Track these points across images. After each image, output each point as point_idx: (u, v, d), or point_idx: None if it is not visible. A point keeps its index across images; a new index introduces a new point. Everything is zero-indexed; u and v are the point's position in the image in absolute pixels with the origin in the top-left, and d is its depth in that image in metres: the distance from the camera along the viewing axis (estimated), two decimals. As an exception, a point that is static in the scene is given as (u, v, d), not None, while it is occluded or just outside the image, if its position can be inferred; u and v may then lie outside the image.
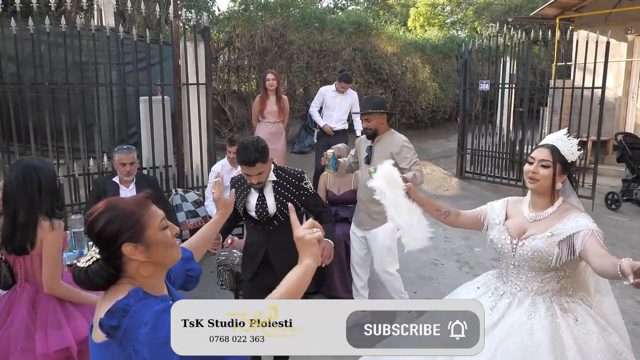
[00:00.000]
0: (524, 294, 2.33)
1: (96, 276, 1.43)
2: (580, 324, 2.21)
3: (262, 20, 11.38)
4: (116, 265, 1.45)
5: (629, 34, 10.00)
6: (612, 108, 10.25)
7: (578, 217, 2.23)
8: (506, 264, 2.42)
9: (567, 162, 2.29)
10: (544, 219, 2.31)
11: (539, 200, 2.35)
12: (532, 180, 2.30)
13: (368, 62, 12.83)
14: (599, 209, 7.31)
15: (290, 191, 3.06)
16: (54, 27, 5.29)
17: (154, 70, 6.16)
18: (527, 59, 8.47)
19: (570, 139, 2.32)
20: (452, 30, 21.55)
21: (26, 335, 2.44)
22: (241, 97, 11.50)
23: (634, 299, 4.65)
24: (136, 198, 1.52)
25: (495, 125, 9.07)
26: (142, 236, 1.46)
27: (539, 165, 2.28)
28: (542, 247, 2.23)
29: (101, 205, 1.49)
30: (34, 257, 2.50)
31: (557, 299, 2.29)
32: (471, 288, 2.56)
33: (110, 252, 1.44)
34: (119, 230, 1.43)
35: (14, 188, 2.45)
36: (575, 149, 2.30)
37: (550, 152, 2.27)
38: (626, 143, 7.35)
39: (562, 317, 2.22)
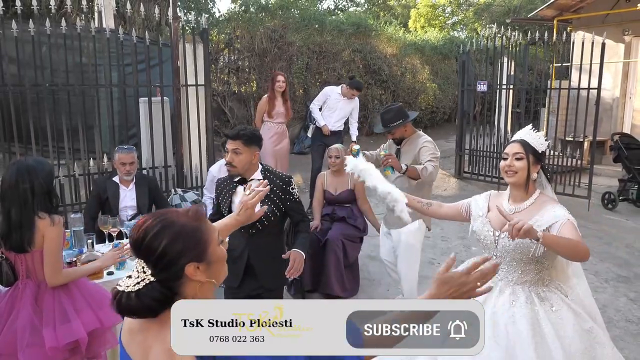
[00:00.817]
0: (504, 283, 2.47)
1: (150, 300, 1.25)
2: (555, 311, 2.35)
3: (262, 21, 11.44)
4: (172, 287, 1.28)
5: (627, 35, 10.05)
6: (609, 109, 10.30)
7: (555, 208, 2.37)
8: (488, 254, 2.52)
9: (538, 153, 2.44)
10: (522, 211, 2.44)
11: (518, 193, 2.49)
12: (510, 174, 2.44)
13: (368, 63, 12.89)
14: (595, 208, 7.36)
15: (276, 194, 2.99)
16: (55, 29, 5.36)
17: (154, 71, 6.23)
18: (525, 60, 8.53)
19: (537, 132, 2.50)
20: (452, 31, 21.59)
21: (31, 331, 2.49)
22: (241, 98, 11.57)
23: (627, 297, 4.70)
24: (191, 211, 1.36)
25: (493, 125, 9.12)
26: (204, 255, 1.31)
27: (513, 158, 2.43)
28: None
29: (151, 220, 1.30)
30: (34, 254, 2.55)
31: (534, 289, 2.42)
32: None
33: (171, 273, 1.28)
34: (183, 249, 1.28)
35: (7, 188, 2.52)
36: (542, 139, 2.47)
37: (521, 145, 2.43)
38: (622, 143, 7.40)
39: (539, 305, 2.36)
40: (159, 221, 1.30)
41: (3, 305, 2.58)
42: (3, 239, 2.53)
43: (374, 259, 5.65)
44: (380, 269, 5.43)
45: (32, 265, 2.58)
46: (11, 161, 2.81)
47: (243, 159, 2.90)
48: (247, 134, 2.89)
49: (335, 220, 4.87)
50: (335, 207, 4.93)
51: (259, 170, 3.03)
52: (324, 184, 4.97)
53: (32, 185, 2.50)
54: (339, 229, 4.75)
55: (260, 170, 3.04)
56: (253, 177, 3.00)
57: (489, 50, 8.65)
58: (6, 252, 2.58)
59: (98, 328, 2.63)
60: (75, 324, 2.54)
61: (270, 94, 6.54)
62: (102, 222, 3.74)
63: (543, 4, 10.91)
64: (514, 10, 18.36)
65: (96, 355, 2.68)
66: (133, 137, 6.71)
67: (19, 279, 2.62)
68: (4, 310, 2.56)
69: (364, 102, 13.07)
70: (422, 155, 3.82)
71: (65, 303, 2.60)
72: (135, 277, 1.28)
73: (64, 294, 2.62)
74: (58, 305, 2.58)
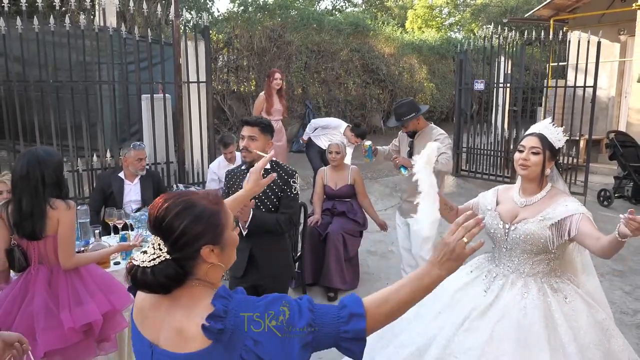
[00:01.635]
0: (516, 275, 2.44)
1: (163, 277, 1.29)
2: (569, 302, 2.33)
3: (261, 21, 11.52)
4: (185, 266, 1.31)
5: (622, 34, 10.16)
6: (605, 108, 10.41)
7: (567, 201, 2.35)
8: (499, 247, 2.53)
9: (555, 149, 2.41)
10: (534, 204, 2.42)
11: (529, 186, 2.46)
12: (524, 167, 2.40)
13: (365, 63, 12.98)
14: (591, 205, 7.44)
15: (277, 183, 3.03)
16: (58, 27, 5.42)
17: (155, 69, 6.30)
18: (521, 59, 8.62)
19: (556, 127, 2.45)
20: (449, 32, 21.71)
21: (46, 314, 2.55)
22: (240, 97, 11.64)
23: (622, 290, 4.79)
24: (211, 195, 1.40)
25: (490, 124, 9.21)
26: (220, 238, 1.35)
27: (530, 152, 2.39)
28: (534, 230, 2.35)
29: (173, 200, 1.34)
30: (47, 240, 2.61)
31: (547, 280, 2.40)
32: (464, 272, 2.65)
33: (187, 253, 1.31)
34: (202, 231, 1.31)
35: (18, 179, 2.58)
36: (561, 135, 2.43)
37: (539, 140, 2.39)
38: (618, 141, 7.49)
39: (552, 296, 2.34)
40: (181, 202, 1.32)
41: (17, 290, 2.63)
42: (15, 226, 2.59)
43: (374, 254, 5.74)
44: (380, 263, 5.51)
45: (44, 251, 2.63)
46: (21, 152, 2.87)
47: (259, 145, 2.97)
48: (265, 122, 3.03)
49: (336, 214, 4.94)
50: (335, 202, 5.00)
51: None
52: (324, 179, 5.04)
53: (43, 175, 2.56)
54: (339, 224, 4.82)
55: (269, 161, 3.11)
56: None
57: (486, 50, 8.75)
58: (18, 239, 2.63)
59: (110, 311, 2.70)
60: (89, 307, 2.61)
61: (267, 91, 6.59)
62: (108, 214, 3.83)
63: (539, 4, 11.02)
64: (510, 11, 18.49)
65: (107, 337, 2.75)
66: (135, 133, 6.77)
67: (31, 264, 2.66)
68: (18, 295, 2.61)
69: (362, 101, 13.18)
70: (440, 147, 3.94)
71: (79, 287, 2.67)
72: (151, 253, 1.30)
73: (77, 278, 2.69)
74: (72, 289, 2.65)
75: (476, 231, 1.42)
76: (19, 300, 2.59)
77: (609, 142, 7.63)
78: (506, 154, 8.71)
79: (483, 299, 2.43)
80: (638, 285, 4.89)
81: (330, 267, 4.71)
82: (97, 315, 2.61)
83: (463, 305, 2.46)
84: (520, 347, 2.23)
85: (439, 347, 2.36)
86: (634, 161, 7.38)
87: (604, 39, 7.31)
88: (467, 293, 2.51)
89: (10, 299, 2.60)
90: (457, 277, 2.64)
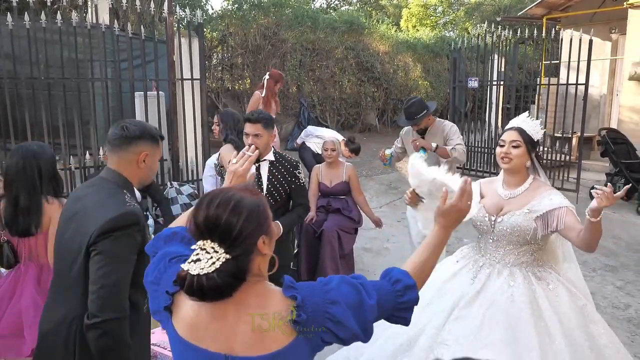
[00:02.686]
0: (502, 265, 2.53)
1: (229, 277, 1.24)
2: (552, 289, 2.43)
3: (255, 19, 11.51)
4: (244, 262, 1.28)
5: (613, 33, 10.23)
6: (597, 105, 10.48)
7: (552, 194, 2.44)
8: (485, 238, 2.61)
9: (534, 141, 2.50)
10: (518, 196, 2.51)
11: (512, 179, 2.54)
12: (506, 160, 2.48)
13: (360, 61, 13.00)
14: (584, 202, 7.49)
15: (283, 175, 3.20)
16: (50, 24, 5.40)
17: (149, 67, 6.28)
18: (515, 57, 8.67)
19: (533, 120, 2.55)
20: (443, 31, 21.76)
21: (35, 311, 2.52)
22: (235, 94, 11.65)
23: (614, 285, 4.83)
24: (250, 187, 1.39)
25: (484, 121, 9.26)
26: (269, 228, 1.35)
27: (510, 146, 2.47)
28: (520, 222, 2.43)
29: (220, 199, 1.29)
30: (38, 237, 2.59)
31: (531, 269, 2.50)
32: (450, 262, 2.75)
33: (246, 248, 1.28)
34: (258, 224, 1.30)
35: (14, 173, 2.56)
36: (538, 128, 2.52)
37: (519, 133, 2.48)
38: (609, 138, 7.54)
39: (537, 284, 2.44)
40: (229, 198, 1.29)
41: (6, 287, 2.62)
42: (8, 224, 2.58)
43: (369, 251, 5.76)
44: (375, 260, 5.53)
45: (35, 248, 2.62)
46: (13, 148, 2.86)
47: (264, 141, 3.08)
48: (266, 117, 3.10)
49: (331, 211, 4.95)
50: (330, 199, 5.01)
51: (271, 152, 3.24)
52: (319, 176, 5.05)
53: (40, 168, 2.56)
54: (334, 221, 4.82)
55: (272, 152, 3.25)
56: (266, 158, 3.20)
57: (480, 48, 8.79)
58: (9, 236, 2.62)
59: None
60: None
61: (268, 92, 6.58)
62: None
63: (532, 2, 11.08)
64: (504, 9, 18.56)
65: None
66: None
67: (21, 261, 2.65)
68: (6, 291, 2.61)
69: (357, 100, 13.20)
70: (453, 137, 4.20)
71: None
72: (208, 258, 1.24)
73: None
74: None
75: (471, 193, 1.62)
76: (7, 297, 2.58)
77: (601, 140, 7.69)
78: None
79: (470, 287, 2.51)
80: (629, 280, 4.94)
81: (326, 264, 4.71)
82: None
83: (451, 294, 2.54)
84: (510, 333, 2.31)
85: (429, 337, 2.43)
86: (625, 158, 7.44)
87: (595, 37, 7.38)
88: (454, 283, 2.59)
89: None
90: (444, 268, 2.73)
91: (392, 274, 1.47)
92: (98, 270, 1.75)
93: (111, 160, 2.01)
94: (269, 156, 3.22)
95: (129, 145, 1.97)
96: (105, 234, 1.77)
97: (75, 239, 1.84)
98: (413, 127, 4.31)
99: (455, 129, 4.31)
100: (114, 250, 1.78)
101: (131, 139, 1.96)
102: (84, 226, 1.82)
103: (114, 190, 1.92)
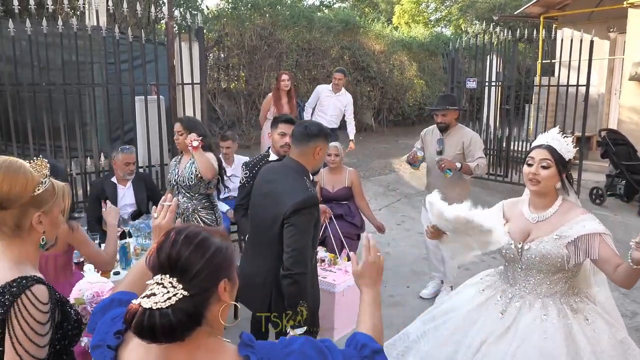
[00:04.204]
0: (533, 296, 2.34)
1: (185, 316, 1.14)
2: (590, 323, 2.24)
3: (251, 19, 11.43)
4: (202, 304, 1.19)
5: (612, 32, 10.24)
6: (595, 105, 10.48)
7: (585, 220, 2.24)
8: (512, 267, 2.42)
9: (565, 161, 2.29)
10: (547, 219, 2.32)
11: (540, 201, 2.35)
12: (534, 182, 2.29)
13: (356, 60, 12.96)
14: (583, 203, 7.38)
15: None
16: (51, 28, 5.33)
17: (149, 70, 6.21)
18: (513, 57, 8.64)
19: (565, 137, 2.32)
20: (436, 27, 21.75)
21: None
22: (231, 95, 11.56)
23: (619, 291, 4.80)
24: (219, 231, 1.32)
25: (482, 122, 9.23)
26: (232, 275, 1.26)
27: (539, 166, 2.27)
28: (550, 249, 2.25)
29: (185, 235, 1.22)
30: (49, 258, 2.57)
31: (566, 300, 2.31)
32: (476, 290, 2.55)
33: (206, 288, 1.19)
34: (222, 264, 1.23)
35: None
36: (570, 146, 2.31)
37: (549, 152, 2.27)
38: (610, 139, 7.54)
39: (572, 317, 2.25)
40: (195, 234, 1.23)
41: None
42: None
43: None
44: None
45: (45, 269, 2.57)
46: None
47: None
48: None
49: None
50: (332, 204, 4.97)
51: None
52: (322, 182, 5.01)
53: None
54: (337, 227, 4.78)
55: None
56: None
57: (477, 48, 8.75)
58: None
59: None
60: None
61: (275, 93, 6.59)
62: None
63: (528, 1, 11.06)
64: (499, 7, 18.55)
65: None
66: (129, 131, 6.70)
67: None
68: None
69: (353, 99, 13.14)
70: (475, 149, 4.30)
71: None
72: (164, 292, 1.14)
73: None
74: None
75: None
76: None
77: (601, 141, 7.68)
78: (498, 152, 8.75)
79: (500, 321, 2.33)
80: (636, 287, 4.89)
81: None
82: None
83: (478, 327, 2.36)
84: None
85: None
86: (626, 159, 7.44)
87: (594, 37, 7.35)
88: (481, 314, 2.40)
89: None
90: (469, 295, 2.55)
91: (357, 338, 1.45)
92: (291, 237, 2.46)
93: (294, 152, 2.64)
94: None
95: (309, 141, 2.58)
96: (295, 212, 2.44)
97: (272, 211, 2.55)
98: (438, 116, 4.38)
99: (477, 139, 4.39)
100: (301, 224, 2.47)
101: (311, 136, 2.58)
102: (278, 204, 2.51)
103: (297, 177, 2.57)
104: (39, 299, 1.43)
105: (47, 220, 1.56)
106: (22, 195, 1.49)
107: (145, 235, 3.71)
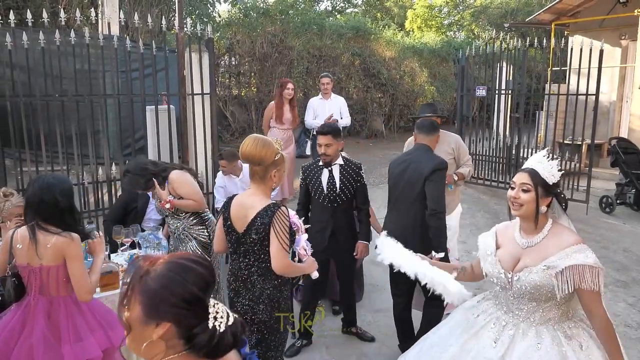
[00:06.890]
0: (526, 324, 2.31)
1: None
2: (585, 350, 2.20)
3: (262, 26, 11.54)
4: None
5: (623, 39, 10.18)
6: (606, 112, 10.42)
7: (577, 254, 2.19)
8: (505, 295, 2.40)
9: (549, 185, 2.25)
10: (536, 245, 2.29)
11: (527, 226, 2.33)
12: (516, 207, 2.28)
13: (367, 67, 13.01)
14: (593, 212, 7.48)
15: (352, 175, 3.82)
16: (64, 37, 5.44)
17: (160, 80, 6.30)
18: (523, 64, 8.62)
19: (550, 160, 2.28)
20: (449, 32, 21.70)
21: (45, 347, 2.53)
22: (242, 102, 11.66)
23: (626, 302, 4.80)
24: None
25: (492, 129, 9.22)
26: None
27: (520, 190, 2.26)
28: (539, 280, 2.22)
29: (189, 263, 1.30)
30: (50, 271, 2.59)
31: (559, 327, 2.28)
32: (470, 315, 2.54)
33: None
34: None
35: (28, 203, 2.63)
36: (555, 170, 2.26)
37: (530, 176, 2.25)
38: (620, 148, 7.50)
39: (567, 345, 2.21)
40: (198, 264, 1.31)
41: (16, 320, 2.61)
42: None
43: (378, 265, 5.71)
44: (385, 274, 5.50)
45: (46, 282, 2.60)
46: (32, 178, 2.89)
47: (334, 149, 3.77)
48: (335, 128, 3.80)
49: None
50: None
51: (340, 158, 3.88)
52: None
53: (56, 201, 2.58)
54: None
55: (341, 157, 3.88)
56: (337, 162, 3.84)
57: (488, 55, 8.75)
58: (21, 266, 2.62)
59: (108, 348, 2.67)
60: (88, 343, 2.59)
61: (278, 100, 6.68)
62: (116, 232, 3.84)
63: (540, 6, 11.05)
64: (510, 13, 18.49)
65: None
66: (140, 139, 6.80)
67: (31, 294, 2.63)
68: (17, 325, 2.59)
69: (363, 106, 13.20)
70: (463, 151, 4.55)
71: (78, 321, 2.64)
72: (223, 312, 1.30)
73: (77, 311, 2.66)
74: (72, 324, 2.62)
75: None
76: (17, 331, 2.58)
77: (611, 149, 7.65)
78: (508, 160, 8.74)
79: (493, 350, 2.30)
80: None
81: (335, 280, 4.71)
82: (98, 351, 2.59)
83: (473, 356, 2.34)
84: None
85: None
86: (636, 168, 7.40)
87: (605, 44, 7.32)
88: (477, 343, 2.38)
89: (10, 328, 2.59)
90: (464, 321, 2.55)
91: None
92: (432, 190, 3.45)
93: (424, 140, 3.65)
94: (339, 160, 3.85)
95: (433, 133, 3.67)
96: (434, 171, 3.45)
97: (415, 175, 3.51)
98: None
99: (460, 140, 4.63)
100: (438, 180, 3.48)
101: (434, 129, 3.67)
102: (419, 169, 3.49)
103: (429, 151, 3.63)
104: (285, 214, 2.54)
105: (278, 176, 2.63)
106: (270, 158, 2.56)
107: (154, 247, 3.77)
